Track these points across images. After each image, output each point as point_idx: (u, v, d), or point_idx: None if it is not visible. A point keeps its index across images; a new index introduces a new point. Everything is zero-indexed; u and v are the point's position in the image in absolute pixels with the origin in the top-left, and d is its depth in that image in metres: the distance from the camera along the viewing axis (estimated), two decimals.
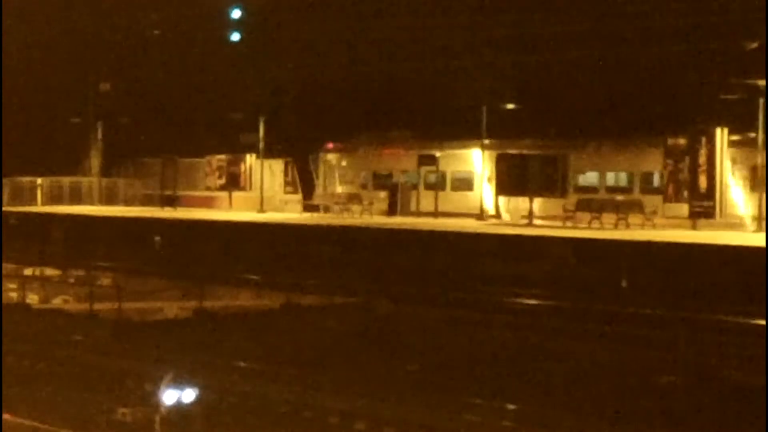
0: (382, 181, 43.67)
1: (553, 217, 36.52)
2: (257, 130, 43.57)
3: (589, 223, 34.36)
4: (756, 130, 31.95)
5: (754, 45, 33.81)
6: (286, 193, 47.38)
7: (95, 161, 51.34)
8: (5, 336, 24.28)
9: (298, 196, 46.02)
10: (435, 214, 38.03)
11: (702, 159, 31.61)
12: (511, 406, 15.80)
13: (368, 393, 18.16)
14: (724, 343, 21.31)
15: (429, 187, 40.65)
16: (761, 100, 31.80)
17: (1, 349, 6.28)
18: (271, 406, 17.88)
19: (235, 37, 48.57)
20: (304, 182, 46.19)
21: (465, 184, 40.90)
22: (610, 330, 22.72)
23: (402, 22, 45.15)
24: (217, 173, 48.22)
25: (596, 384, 18.21)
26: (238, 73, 49.83)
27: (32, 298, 32.49)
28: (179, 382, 16.27)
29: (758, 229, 30.92)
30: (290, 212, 43.36)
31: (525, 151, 38.34)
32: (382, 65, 45.74)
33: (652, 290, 26.44)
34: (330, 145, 45.95)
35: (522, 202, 38.05)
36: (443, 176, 40.80)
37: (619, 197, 36.18)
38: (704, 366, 19.18)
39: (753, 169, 33.50)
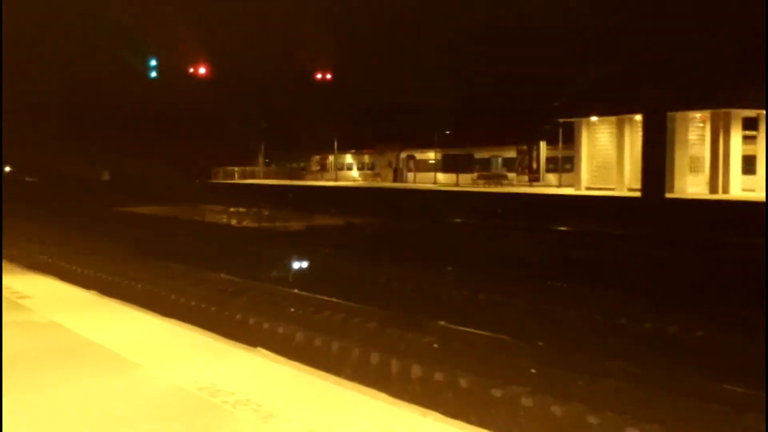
0: None
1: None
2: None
3: (483, 185, 57.06)
4: (556, 144, 52.89)
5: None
6: None
7: (260, 158, 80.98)
8: (226, 234, 39.04)
9: None
10: None
11: (534, 154, 51.76)
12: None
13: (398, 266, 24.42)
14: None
15: None
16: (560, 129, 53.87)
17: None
18: (345, 273, 23.13)
19: None
20: None
21: None
22: None
23: None
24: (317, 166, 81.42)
25: None
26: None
27: (232, 221, 48.35)
28: (300, 258, 24.85)
29: (559, 184, 52.36)
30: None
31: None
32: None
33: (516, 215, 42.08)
34: None
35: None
36: None
37: (498, 171, 59.85)
38: None
39: (554, 160, 55.17)
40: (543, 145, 56.11)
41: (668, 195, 44.06)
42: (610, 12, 48.73)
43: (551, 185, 54.34)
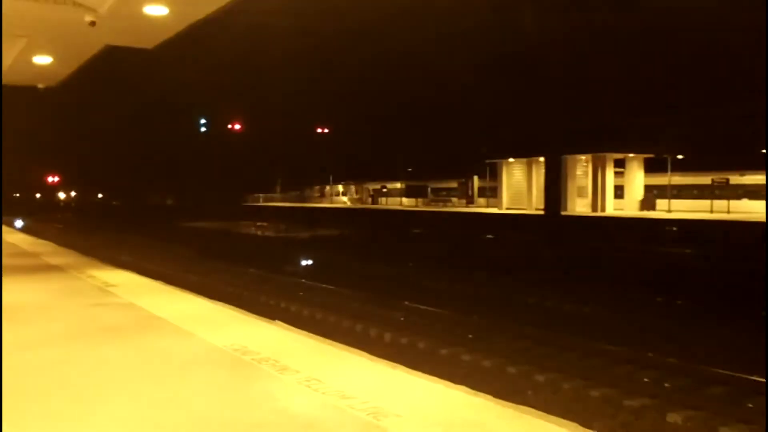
0: None
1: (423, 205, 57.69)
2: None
3: (434, 206, 55.50)
4: (485, 177, 52.10)
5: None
6: None
7: (278, 187, 76.85)
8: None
9: None
10: None
11: (470, 185, 51.01)
12: None
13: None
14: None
15: None
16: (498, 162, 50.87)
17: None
18: (339, 268, 22.61)
19: None
20: None
21: None
22: None
23: None
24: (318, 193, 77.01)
25: None
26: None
27: (258, 232, 47.59)
28: (307, 257, 25.23)
29: (487, 206, 50.53)
30: None
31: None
32: None
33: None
34: None
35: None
36: None
37: (447, 196, 58.00)
38: None
39: (482, 189, 53.98)
40: (476, 178, 56.67)
41: (563, 213, 44.31)
42: (518, 86, 49.72)
43: (482, 206, 54.19)
